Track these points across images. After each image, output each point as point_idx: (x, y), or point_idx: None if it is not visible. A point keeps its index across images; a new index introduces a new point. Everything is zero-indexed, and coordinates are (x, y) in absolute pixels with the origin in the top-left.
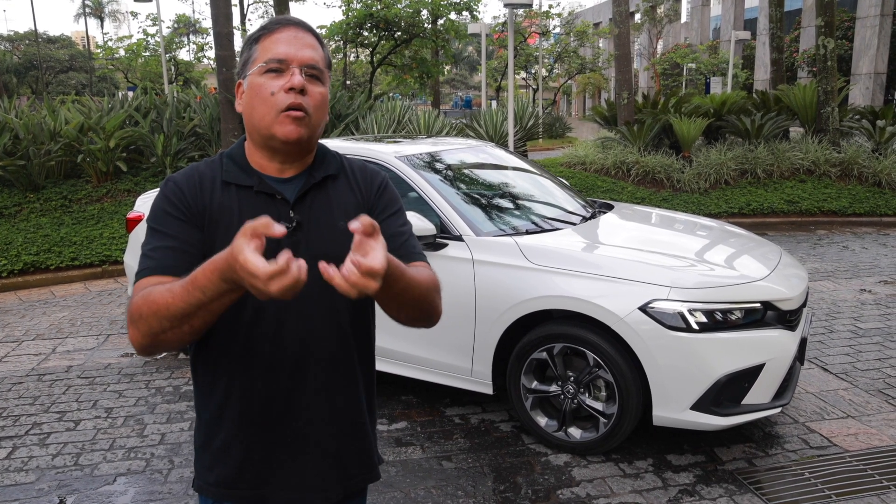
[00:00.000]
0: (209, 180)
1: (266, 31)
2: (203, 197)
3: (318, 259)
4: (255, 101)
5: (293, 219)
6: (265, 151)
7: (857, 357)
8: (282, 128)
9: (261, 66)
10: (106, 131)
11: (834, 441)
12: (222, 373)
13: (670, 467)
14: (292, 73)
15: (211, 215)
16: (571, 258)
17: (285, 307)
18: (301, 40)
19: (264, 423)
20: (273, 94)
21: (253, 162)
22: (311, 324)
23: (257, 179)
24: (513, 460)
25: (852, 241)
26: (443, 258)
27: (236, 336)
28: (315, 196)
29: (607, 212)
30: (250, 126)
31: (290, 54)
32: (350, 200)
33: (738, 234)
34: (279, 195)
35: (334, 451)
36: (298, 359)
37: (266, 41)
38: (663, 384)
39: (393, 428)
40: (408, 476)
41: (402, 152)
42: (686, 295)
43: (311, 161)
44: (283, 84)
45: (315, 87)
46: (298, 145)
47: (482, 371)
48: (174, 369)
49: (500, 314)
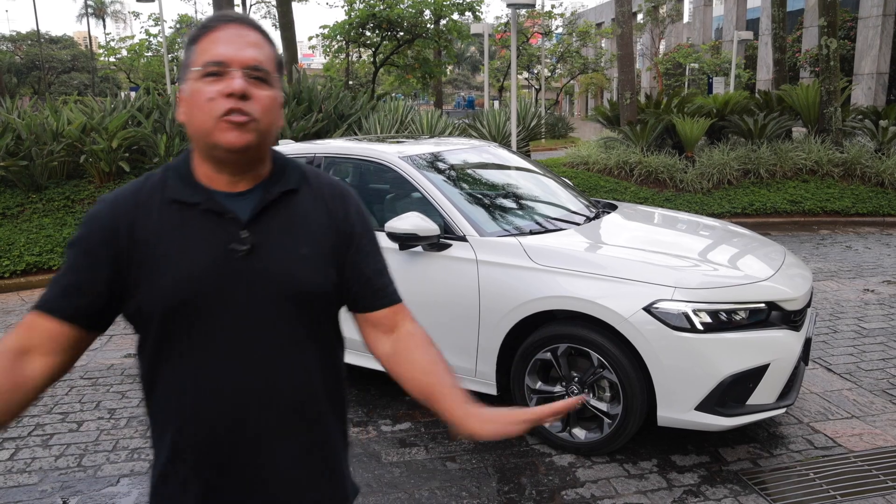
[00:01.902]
0: (147, 199)
1: (204, 30)
2: (136, 221)
3: (273, 289)
4: (193, 110)
5: (245, 241)
6: (211, 163)
7: (861, 357)
8: (223, 135)
9: (198, 69)
10: (108, 131)
11: (838, 441)
12: (174, 412)
13: (675, 468)
14: (232, 76)
15: (146, 240)
16: (575, 258)
17: (241, 343)
18: (242, 39)
19: (221, 467)
20: (211, 101)
21: (200, 175)
22: (270, 363)
23: (204, 195)
24: (517, 461)
25: (855, 241)
26: (446, 258)
27: (189, 372)
28: (274, 215)
29: (611, 212)
30: (192, 137)
31: (230, 55)
32: (316, 222)
33: (741, 234)
34: (229, 214)
35: (301, 496)
36: (256, 400)
37: (204, 42)
38: (668, 385)
39: (397, 429)
40: (412, 477)
41: (406, 152)
42: (690, 295)
43: (266, 173)
44: (221, 89)
45: (261, 91)
46: (246, 153)
47: (486, 371)
48: None
49: (505, 315)
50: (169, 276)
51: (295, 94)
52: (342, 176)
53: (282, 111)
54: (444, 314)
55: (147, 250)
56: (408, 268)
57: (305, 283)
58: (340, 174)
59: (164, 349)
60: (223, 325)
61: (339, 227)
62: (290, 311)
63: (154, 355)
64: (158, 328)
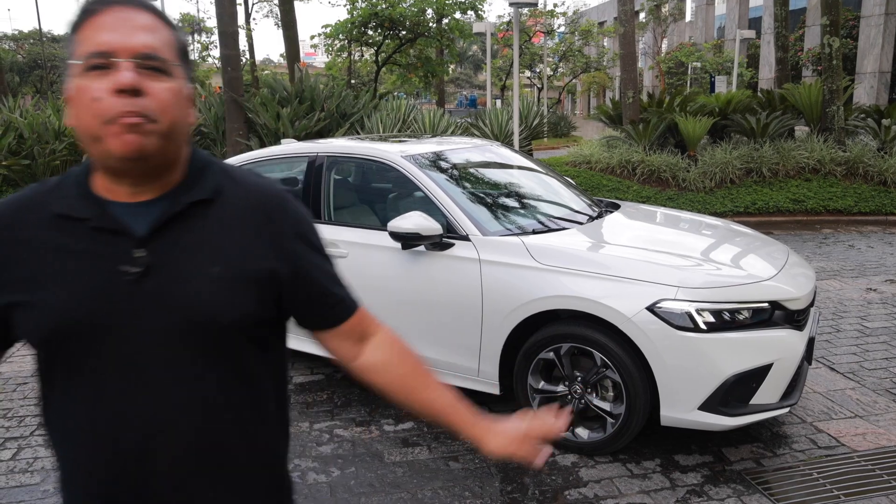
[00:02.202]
0: (35, 213)
1: (85, 14)
2: (16, 239)
3: (172, 316)
4: (80, 111)
5: (139, 261)
6: (108, 173)
7: (864, 356)
8: (115, 140)
9: (80, 63)
10: None
11: (842, 441)
12: (64, 452)
13: (678, 468)
14: (120, 68)
15: (27, 263)
16: (578, 258)
17: (133, 377)
18: (130, 22)
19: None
20: (96, 100)
21: (98, 184)
22: (167, 399)
23: (96, 209)
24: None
25: (858, 240)
26: (449, 258)
27: (74, 408)
28: (181, 231)
29: (613, 211)
30: (82, 144)
31: (116, 43)
32: (234, 238)
33: (744, 234)
34: (121, 231)
35: None
36: (149, 442)
37: (86, 29)
38: (671, 384)
39: (399, 428)
40: (414, 477)
41: (408, 151)
42: (694, 295)
43: (178, 179)
44: (108, 85)
45: (158, 84)
46: (144, 161)
47: (489, 371)
48: None
49: (507, 314)
50: (44, 304)
51: (297, 92)
52: (344, 175)
53: (191, 105)
54: (446, 314)
55: (22, 276)
56: (410, 267)
57: (212, 309)
58: (342, 173)
59: (50, 380)
60: (113, 358)
61: (271, 242)
62: (194, 342)
63: (44, 384)
64: (44, 359)
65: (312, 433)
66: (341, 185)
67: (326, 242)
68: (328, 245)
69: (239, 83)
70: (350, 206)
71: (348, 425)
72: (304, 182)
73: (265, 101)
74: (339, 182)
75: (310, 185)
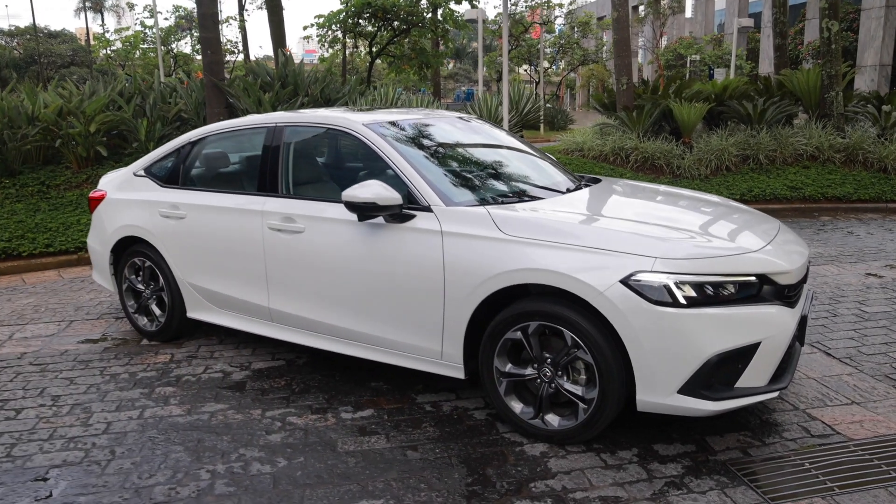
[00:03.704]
0: None
1: None
2: None
3: None
4: None
5: None
6: None
7: (862, 341)
8: None
9: None
10: (86, 115)
11: (837, 429)
12: None
13: (657, 458)
14: None
15: None
16: (548, 228)
17: None
18: None
19: None
20: None
21: None
22: None
23: None
24: (484, 450)
25: (857, 226)
26: (409, 231)
27: None
28: None
29: (593, 184)
30: None
31: None
32: None
33: (731, 206)
34: None
35: None
36: None
37: None
38: (648, 365)
39: (357, 416)
40: (367, 467)
41: (371, 119)
42: (673, 266)
43: None
44: None
45: None
46: None
47: (453, 353)
48: (134, 355)
49: (471, 290)
50: None
51: (280, 77)
52: (304, 146)
53: None
54: (407, 291)
55: None
56: (367, 241)
57: None
58: (302, 144)
59: None
60: None
61: None
62: None
63: None
64: None
65: (263, 421)
66: (300, 156)
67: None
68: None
69: (219, 67)
70: (309, 178)
71: (303, 413)
72: (262, 154)
73: (247, 86)
74: (298, 153)
75: (267, 158)
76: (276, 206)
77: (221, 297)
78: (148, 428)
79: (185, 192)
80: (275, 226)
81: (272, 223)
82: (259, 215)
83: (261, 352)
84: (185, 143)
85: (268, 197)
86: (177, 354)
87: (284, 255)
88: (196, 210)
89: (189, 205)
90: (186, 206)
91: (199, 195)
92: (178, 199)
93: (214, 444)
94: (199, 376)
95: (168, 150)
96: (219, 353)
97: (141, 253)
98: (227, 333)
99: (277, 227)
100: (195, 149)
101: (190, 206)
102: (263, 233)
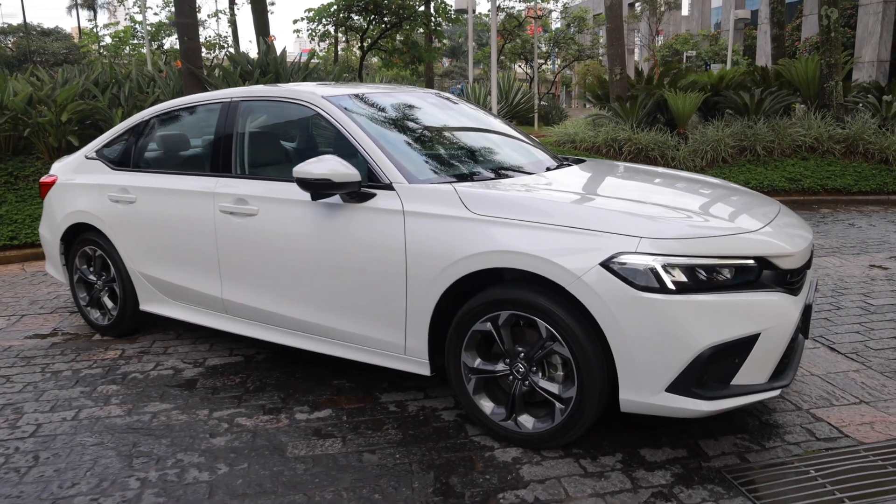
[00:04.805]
0: None
1: None
2: None
3: None
4: None
5: None
6: None
7: (868, 336)
8: None
9: None
10: (57, 104)
11: (845, 431)
12: None
13: (643, 464)
14: None
15: None
16: (521, 206)
17: None
18: None
19: None
20: None
21: None
22: None
23: None
24: (450, 455)
25: (858, 218)
26: (368, 211)
27: None
28: None
29: (576, 164)
30: None
31: None
32: None
33: (729, 187)
34: None
35: None
36: None
37: None
38: (632, 360)
39: (314, 417)
40: (317, 475)
41: (331, 92)
42: (660, 247)
43: None
44: None
45: None
46: None
47: (417, 347)
48: (81, 351)
49: (435, 276)
50: None
51: (261, 65)
52: (260, 122)
53: None
54: (366, 278)
55: None
56: (323, 224)
57: None
58: (258, 121)
59: None
60: None
61: None
62: None
63: None
64: None
65: (209, 422)
66: (257, 133)
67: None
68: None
69: (197, 54)
70: (266, 157)
71: (254, 413)
72: (216, 132)
73: (226, 74)
74: (254, 130)
75: (221, 135)
76: (229, 188)
77: (174, 288)
78: (81, 431)
79: (136, 174)
80: (227, 209)
81: (224, 206)
82: (211, 197)
83: (219, 347)
84: (138, 121)
85: (220, 178)
86: (128, 350)
87: (237, 241)
88: (146, 193)
89: (139, 188)
90: (136, 189)
91: (149, 177)
92: (128, 182)
93: (151, 449)
94: (148, 373)
95: (121, 130)
96: (173, 349)
97: (92, 241)
98: (187, 328)
99: (230, 209)
100: (148, 128)
101: (140, 189)
102: (215, 216)
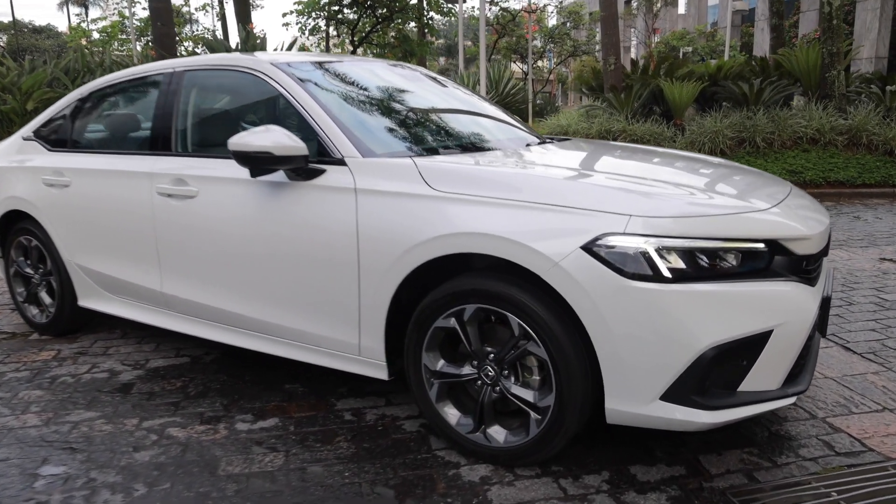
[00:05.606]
0: None
1: None
2: None
3: None
4: None
5: None
6: None
7: (886, 333)
8: None
9: None
10: (22, 91)
11: (869, 444)
12: None
13: (634, 485)
14: None
15: None
16: (489, 181)
17: None
18: None
19: None
20: None
21: None
22: None
23: None
24: (407, 474)
25: (863, 211)
26: (317, 189)
27: None
28: None
29: (561, 141)
30: None
31: None
32: None
33: (734, 167)
34: None
35: None
36: None
37: None
38: (620, 362)
39: (257, 427)
40: (250, 497)
41: (283, 59)
42: (654, 227)
43: None
44: None
45: None
46: None
47: (373, 347)
48: (12, 353)
49: (391, 263)
50: None
51: (239, 51)
52: (205, 95)
53: None
54: (314, 267)
55: None
56: (266, 205)
57: None
58: (203, 93)
59: None
60: None
61: None
62: None
63: None
64: None
65: (136, 433)
66: (201, 106)
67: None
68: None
69: (171, 40)
70: (210, 133)
71: (190, 422)
72: (156, 106)
73: None
74: (198, 103)
75: (161, 109)
76: (167, 167)
77: (112, 282)
78: None
79: (72, 155)
80: (165, 190)
81: (162, 187)
82: (148, 178)
83: (166, 347)
84: (77, 97)
85: (160, 156)
86: (64, 350)
87: (176, 227)
88: (81, 175)
89: (73, 169)
90: (71, 171)
91: (84, 158)
92: (63, 164)
93: (62, 466)
94: (80, 377)
95: (60, 108)
96: (115, 349)
97: (27, 230)
98: (135, 326)
99: (168, 191)
100: (86, 104)
101: (74, 171)
102: (153, 200)
